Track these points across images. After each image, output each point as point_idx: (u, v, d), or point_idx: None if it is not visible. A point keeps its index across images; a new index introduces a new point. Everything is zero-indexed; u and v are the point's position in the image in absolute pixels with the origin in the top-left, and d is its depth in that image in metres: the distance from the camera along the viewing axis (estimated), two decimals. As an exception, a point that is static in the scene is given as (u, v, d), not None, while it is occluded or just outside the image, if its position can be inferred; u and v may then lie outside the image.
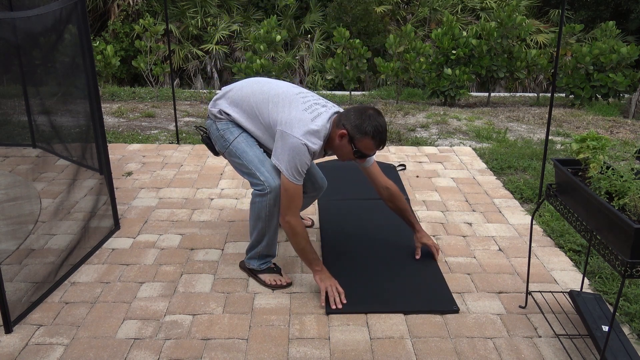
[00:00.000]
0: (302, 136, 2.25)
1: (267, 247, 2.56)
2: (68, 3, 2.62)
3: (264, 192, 2.40)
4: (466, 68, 6.60)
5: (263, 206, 2.44)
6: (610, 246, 1.71)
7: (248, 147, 2.47)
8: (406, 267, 2.68)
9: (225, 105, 2.53)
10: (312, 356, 2.08)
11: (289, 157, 2.27)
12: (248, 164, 2.44)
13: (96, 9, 10.65)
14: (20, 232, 3.03)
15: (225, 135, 2.50)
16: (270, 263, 2.62)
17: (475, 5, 11.53)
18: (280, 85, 2.47)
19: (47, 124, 4.14)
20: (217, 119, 2.54)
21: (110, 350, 2.10)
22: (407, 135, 5.15)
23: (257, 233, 2.52)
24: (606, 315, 2.15)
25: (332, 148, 2.39)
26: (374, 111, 2.30)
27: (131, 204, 3.46)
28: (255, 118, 2.45)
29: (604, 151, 2.00)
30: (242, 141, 2.48)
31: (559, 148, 4.81)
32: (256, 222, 2.50)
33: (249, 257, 2.61)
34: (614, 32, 6.97)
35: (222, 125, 2.51)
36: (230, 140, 2.48)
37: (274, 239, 2.56)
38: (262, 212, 2.45)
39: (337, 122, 2.33)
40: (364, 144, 2.28)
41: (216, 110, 2.53)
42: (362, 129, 2.26)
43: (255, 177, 2.43)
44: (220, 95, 2.58)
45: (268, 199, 2.41)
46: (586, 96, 6.62)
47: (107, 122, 5.51)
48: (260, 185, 2.41)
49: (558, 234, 3.09)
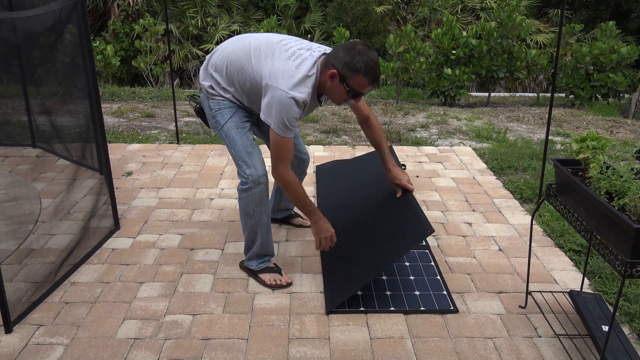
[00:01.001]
0: (287, 89, 2.16)
1: (262, 246, 2.56)
2: (68, 3, 2.62)
3: (247, 187, 2.42)
4: (466, 68, 6.60)
5: (249, 202, 2.45)
6: (610, 246, 1.71)
7: (237, 135, 2.44)
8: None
9: (213, 73, 2.45)
10: (312, 356, 2.09)
11: (276, 112, 2.18)
12: (237, 153, 2.44)
13: (96, 9, 10.65)
14: (20, 232, 3.03)
15: (217, 117, 2.46)
16: (269, 262, 2.62)
17: (475, 5, 11.54)
18: (261, 37, 2.36)
19: (47, 124, 4.15)
20: (210, 95, 2.47)
21: (110, 350, 2.10)
22: (407, 135, 5.15)
23: (248, 230, 2.53)
24: (606, 315, 2.15)
25: (325, 92, 2.30)
26: (363, 46, 2.18)
27: (131, 204, 3.46)
28: (242, 80, 2.36)
29: (604, 151, 2.00)
30: (232, 127, 2.45)
31: (559, 148, 4.82)
32: (246, 218, 2.51)
33: (247, 258, 2.62)
34: (614, 32, 6.97)
35: (215, 105, 2.46)
36: (221, 124, 2.46)
37: (268, 236, 2.56)
38: (250, 208, 2.46)
39: (325, 64, 2.23)
40: (356, 81, 2.18)
41: (207, 84, 2.46)
42: (352, 66, 2.14)
43: (241, 168, 2.43)
44: (206, 62, 2.52)
45: (253, 194, 2.42)
46: (586, 96, 6.62)
47: (107, 122, 5.51)
48: (244, 178, 2.43)
49: (558, 234, 3.09)
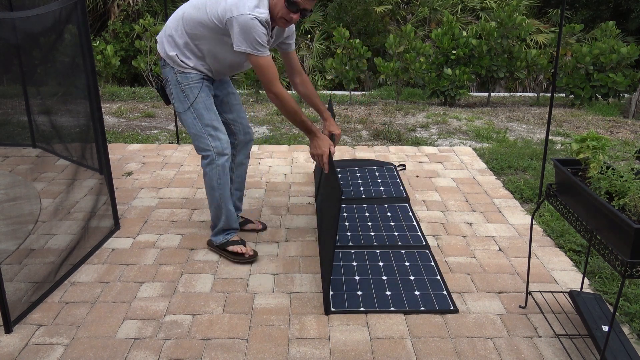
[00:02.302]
0: (249, 11, 2.34)
1: (227, 220, 2.75)
2: (68, 3, 2.62)
3: (211, 160, 2.60)
4: (466, 68, 6.60)
5: (214, 174, 2.63)
6: (610, 246, 1.71)
7: (205, 110, 2.59)
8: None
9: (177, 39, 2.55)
10: (312, 356, 2.09)
11: (246, 35, 2.36)
12: (203, 127, 2.59)
13: (96, 9, 10.65)
14: (20, 232, 3.03)
15: (186, 92, 2.59)
16: (234, 235, 2.81)
17: (475, 5, 11.53)
18: None
19: (47, 123, 4.15)
20: (177, 68, 2.57)
21: (110, 350, 2.10)
22: (407, 135, 5.15)
23: (215, 205, 2.72)
24: (606, 315, 2.15)
25: (273, 16, 2.46)
26: None
27: (131, 204, 3.46)
28: (203, 35, 2.50)
29: (604, 151, 2.00)
30: (201, 102, 2.59)
31: (559, 148, 4.82)
32: (212, 192, 2.68)
33: (213, 234, 2.81)
34: (614, 32, 6.97)
35: (183, 79, 2.58)
36: (191, 100, 2.59)
37: (231, 209, 2.75)
38: (214, 181, 2.65)
39: None
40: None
41: (173, 54, 2.56)
42: None
43: (207, 141, 2.59)
44: (162, 34, 2.62)
45: (217, 166, 2.61)
46: (586, 96, 6.62)
47: (107, 122, 5.51)
48: (208, 151, 2.60)
49: (558, 234, 3.09)
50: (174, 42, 2.56)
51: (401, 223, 3.15)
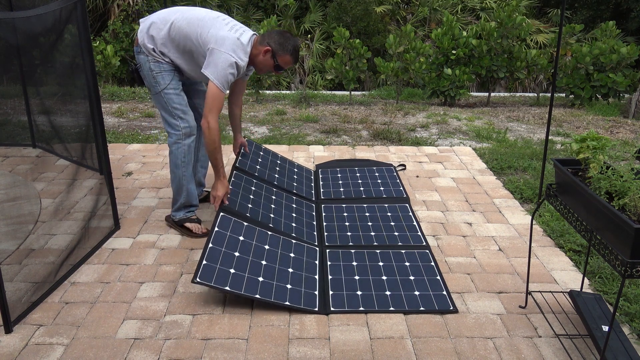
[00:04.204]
0: (232, 52, 2.62)
1: (187, 197, 2.98)
2: (68, 3, 2.62)
3: (178, 139, 2.84)
4: (466, 68, 6.60)
5: (179, 153, 2.86)
6: (610, 246, 1.71)
7: (175, 96, 2.83)
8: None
9: (156, 37, 2.76)
10: (312, 356, 2.09)
11: (221, 69, 2.61)
12: (173, 110, 2.82)
13: (96, 9, 10.65)
14: (20, 232, 3.03)
15: (157, 78, 2.81)
16: (194, 213, 3.05)
17: (475, 5, 11.53)
18: (199, 11, 2.78)
19: (47, 124, 4.14)
20: (152, 56, 2.78)
21: (110, 350, 2.10)
22: (407, 135, 5.15)
23: (177, 183, 2.93)
24: (606, 315, 2.15)
25: (253, 63, 2.80)
26: (291, 34, 2.78)
27: (131, 204, 3.46)
28: (184, 45, 2.73)
29: (604, 151, 2.00)
30: (172, 88, 2.82)
31: (559, 148, 4.82)
32: (175, 170, 2.90)
33: (174, 209, 3.02)
34: (614, 32, 6.97)
35: (156, 67, 2.79)
36: (162, 86, 2.81)
37: (192, 187, 2.98)
38: (179, 159, 2.87)
39: (260, 41, 2.76)
40: (284, 59, 2.77)
41: (151, 47, 2.77)
42: (284, 47, 2.74)
43: (177, 122, 2.83)
44: (146, 27, 2.78)
45: (183, 145, 2.85)
46: (586, 96, 6.62)
47: (107, 122, 5.51)
48: (177, 130, 2.83)
49: (558, 234, 3.09)
50: (153, 40, 2.78)
51: (401, 223, 3.15)
